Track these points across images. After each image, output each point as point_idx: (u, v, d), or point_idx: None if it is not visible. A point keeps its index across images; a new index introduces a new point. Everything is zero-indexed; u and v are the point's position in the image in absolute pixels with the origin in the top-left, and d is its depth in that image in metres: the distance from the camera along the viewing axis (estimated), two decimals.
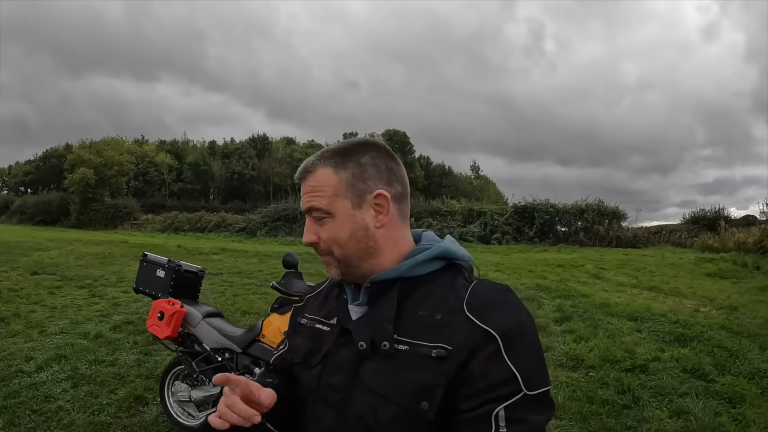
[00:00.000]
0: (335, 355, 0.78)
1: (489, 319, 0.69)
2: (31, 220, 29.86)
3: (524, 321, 0.71)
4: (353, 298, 0.82)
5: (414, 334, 0.72)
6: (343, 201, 0.78)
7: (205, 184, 41.57)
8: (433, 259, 0.78)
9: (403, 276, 0.77)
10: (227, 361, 2.52)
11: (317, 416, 0.77)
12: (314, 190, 0.78)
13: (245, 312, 5.79)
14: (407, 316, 0.74)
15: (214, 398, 2.54)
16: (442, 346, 0.69)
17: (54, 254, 10.51)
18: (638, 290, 7.46)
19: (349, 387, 0.75)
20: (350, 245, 0.78)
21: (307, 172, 0.80)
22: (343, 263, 0.79)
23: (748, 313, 5.68)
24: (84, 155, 27.61)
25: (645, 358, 3.99)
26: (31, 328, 4.85)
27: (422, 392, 0.68)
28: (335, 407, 0.75)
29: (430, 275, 0.78)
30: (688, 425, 2.88)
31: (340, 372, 0.76)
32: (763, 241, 10.84)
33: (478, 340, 0.68)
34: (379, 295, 0.78)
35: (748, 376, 3.58)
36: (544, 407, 0.67)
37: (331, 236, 0.78)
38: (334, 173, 0.78)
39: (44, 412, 3.02)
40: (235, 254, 12.16)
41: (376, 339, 0.73)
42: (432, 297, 0.75)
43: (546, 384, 0.68)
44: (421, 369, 0.69)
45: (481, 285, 0.75)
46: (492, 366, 0.66)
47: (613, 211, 18.45)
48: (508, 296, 0.74)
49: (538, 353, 0.70)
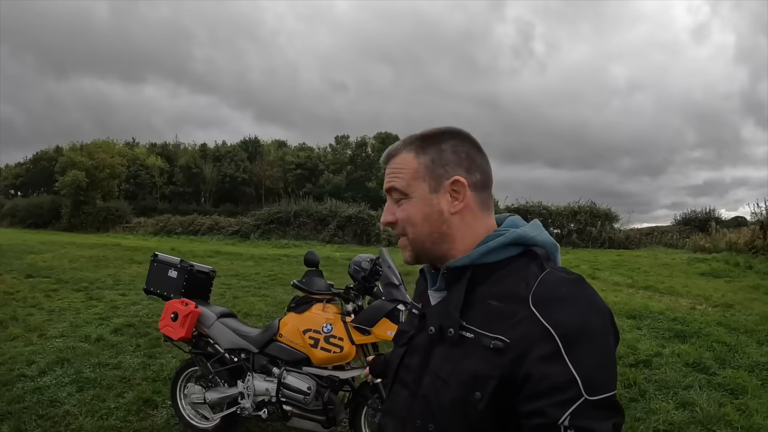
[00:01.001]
0: (416, 338, 0.82)
1: (551, 315, 0.66)
2: (23, 223, 29.35)
3: (591, 319, 0.66)
4: (432, 283, 0.84)
5: (480, 323, 0.72)
6: (421, 184, 0.80)
7: (197, 187, 41.20)
8: (507, 245, 0.77)
9: (475, 263, 0.76)
10: (243, 361, 2.51)
11: (394, 396, 0.82)
12: (395, 171, 0.82)
13: (247, 314, 5.77)
14: (477, 304, 0.74)
15: (229, 399, 2.53)
16: (500, 338, 0.68)
17: (47, 257, 10.36)
18: (634, 290, 7.56)
19: (422, 369, 0.78)
20: (424, 227, 0.80)
21: (390, 156, 0.85)
22: (414, 245, 0.82)
23: (743, 310, 5.79)
24: (75, 158, 27.22)
25: (647, 354, 4.06)
26: (30, 332, 4.78)
27: (476, 382, 0.68)
28: (409, 387, 0.79)
29: (503, 262, 0.76)
30: (694, 416, 2.96)
31: (417, 354, 0.80)
32: (754, 241, 11.03)
33: (535, 336, 0.65)
34: (454, 281, 0.78)
35: (748, 368, 3.67)
36: (610, 413, 0.63)
37: (406, 217, 0.81)
38: (414, 157, 0.81)
39: (51, 417, 2.98)
40: (230, 257, 12.08)
41: (444, 325, 0.75)
42: (503, 285, 0.74)
43: (611, 389, 0.64)
44: (479, 359, 0.69)
45: (551, 275, 0.71)
46: (551, 367, 0.63)
47: (605, 212, 18.62)
48: (577, 289, 0.69)
49: (604, 354, 0.65)
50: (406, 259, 0.85)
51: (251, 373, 2.44)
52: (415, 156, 0.81)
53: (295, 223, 20.43)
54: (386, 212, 0.84)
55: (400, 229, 0.82)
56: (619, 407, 0.65)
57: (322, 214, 20.24)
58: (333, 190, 35.17)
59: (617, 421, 0.64)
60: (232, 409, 2.50)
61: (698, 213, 18.95)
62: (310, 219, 20.37)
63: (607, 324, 0.68)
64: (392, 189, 0.82)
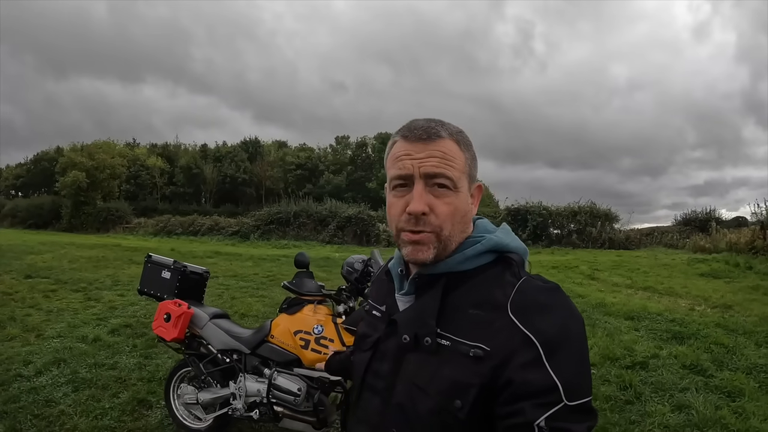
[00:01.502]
0: (384, 343, 0.79)
1: (531, 323, 0.66)
2: (23, 224, 29.45)
3: (570, 326, 0.67)
4: (400, 287, 0.82)
5: (456, 330, 0.71)
6: (465, 181, 0.75)
7: (197, 188, 41.26)
8: (483, 253, 0.76)
9: (451, 270, 0.75)
10: (235, 362, 2.51)
11: (364, 403, 0.79)
12: (446, 157, 0.73)
13: (244, 315, 5.77)
14: (452, 311, 0.73)
15: (221, 400, 2.53)
16: (480, 346, 0.68)
17: (47, 258, 10.37)
18: (633, 290, 7.54)
19: (393, 376, 0.76)
20: (458, 225, 0.75)
21: (435, 135, 0.73)
22: (443, 243, 0.74)
23: (742, 311, 5.76)
24: (75, 158, 27.29)
25: (644, 356, 4.04)
26: (28, 332, 4.79)
27: (456, 390, 0.68)
28: (380, 394, 0.77)
29: (478, 269, 0.75)
30: (690, 419, 2.94)
31: (386, 361, 0.77)
32: (754, 241, 10.98)
33: (516, 344, 0.66)
34: (426, 287, 0.77)
35: (746, 371, 3.64)
36: (586, 417, 0.64)
37: (450, 210, 0.73)
38: (459, 150, 0.75)
39: (46, 416, 2.98)
40: (230, 257, 12.08)
41: (420, 334, 0.73)
42: (478, 292, 0.73)
43: (588, 394, 0.65)
44: (458, 367, 0.69)
45: (528, 283, 0.71)
46: (532, 374, 0.64)
47: (605, 213, 18.57)
48: (555, 298, 0.70)
49: (581, 361, 0.67)
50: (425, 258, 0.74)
51: (243, 374, 2.43)
52: (459, 149, 0.75)
53: (295, 224, 20.42)
54: (420, 200, 0.72)
55: (436, 222, 0.73)
56: (594, 411, 0.66)
57: (322, 214, 20.23)
58: (333, 190, 35.18)
59: (591, 424, 0.65)
60: (224, 409, 2.49)
61: (698, 213, 18.90)
62: (309, 219, 20.36)
63: (583, 331, 0.69)
64: (439, 175, 0.72)
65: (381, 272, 0.93)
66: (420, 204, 0.71)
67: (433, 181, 0.73)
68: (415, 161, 0.73)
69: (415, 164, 0.73)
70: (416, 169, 0.72)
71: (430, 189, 0.73)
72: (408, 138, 0.75)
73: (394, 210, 0.76)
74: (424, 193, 0.72)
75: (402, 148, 0.75)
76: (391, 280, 0.85)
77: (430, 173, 0.72)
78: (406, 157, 0.74)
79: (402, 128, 0.77)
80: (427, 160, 0.72)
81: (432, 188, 0.73)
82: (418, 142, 0.73)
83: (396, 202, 0.75)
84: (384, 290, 0.86)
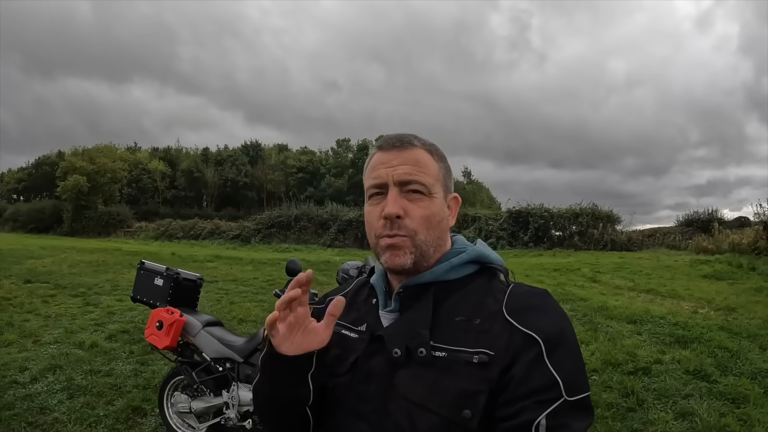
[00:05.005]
0: (365, 364, 0.74)
1: (530, 323, 0.68)
2: (24, 228, 29.59)
3: (565, 326, 0.70)
4: (384, 304, 0.79)
5: (452, 340, 0.70)
6: (440, 189, 0.78)
7: (199, 192, 41.35)
8: (468, 263, 0.78)
9: (439, 279, 0.76)
10: (228, 370, 2.47)
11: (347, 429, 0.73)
12: (418, 164, 0.76)
13: (242, 320, 5.72)
14: (443, 322, 0.73)
15: (214, 409, 2.49)
16: (484, 352, 0.67)
17: (47, 262, 10.36)
18: (635, 293, 7.47)
19: (383, 397, 0.71)
20: (434, 232, 0.76)
21: (407, 143, 0.78)
22: (419, 248, 0.74)
23: (746, 313, 5.69)
24: (76, 162, 27.40)
25: (647, 361, 3.98)
26: (25, 338, 4.77)
27: (464, 399, 0.66)
28: (367, 419, 0.71)
29: (464, 279, 0.77)
30: (693, 426, 2.88)
31: (373, 381, 0.72)
32: (757, 242, 10.89)
33: (519, 344, 0.67)
34: (412, 301, 0.76)
35: (751, 376, 3.58)
36: (585, 413, 0.66)
37: (425, 215, 0.75)
38: (433, 159, 0.79)
39: (40, 424, 2.96)
40: (230, 262, 12.05)
41: (412, 346, 0.71)
42: (469, 301, 0.74)
43: (586, 390, 0.67)
44: (463, 376, 0.67)
45: (519, 288, 0.75)
46: (534, 371, 0.65)
47: (607, 214, 18.50)
48: (547, 300, 0.73)
49: (578, 359, 0.69)
50: (403, 263, 0.74)
51: (236, 383, 2.39)
52: (432, 159, 0.79)
53: (296, 227, 20.40)
54: (394, 203, 0.74)
55: (411, 226, 0.74)
56: (592, 407, 0.68)
57: (323, 218, 20.20)
58: (335, 193, 35.18)
59: (590, 420, 0.66)
60: (217, 419, 2.46)
61: (701, 214, 18.79)
62: (310, 223, 20.34)
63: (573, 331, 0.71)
64: (413, 182, 0.75)
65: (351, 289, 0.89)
66: (394, 206, 0.73)
67: (407, 187, 0.75)
68: (389, 169, 0.76)
69: (389, 171, 0.75)
70: (390, 176, 0.75)
71: (404, 195, 0.75)
72: (383, 148, 0.78)
73: (371, 217, 0.78)
74: (399, 197, 0.74)
75: (377, 159, 0.78)
76: (370, 296, 0.83)
77: (404, 180, 0.75)
78: (381, 166, 0.77)
79: (378, 140, 0.82)
80: (400, 167, 0.75)
81: (407, 194, 0.75)
82: (392, 150, 0.77)
83: (372, 210, 0.77)
84: (363, 310, 0.83)
